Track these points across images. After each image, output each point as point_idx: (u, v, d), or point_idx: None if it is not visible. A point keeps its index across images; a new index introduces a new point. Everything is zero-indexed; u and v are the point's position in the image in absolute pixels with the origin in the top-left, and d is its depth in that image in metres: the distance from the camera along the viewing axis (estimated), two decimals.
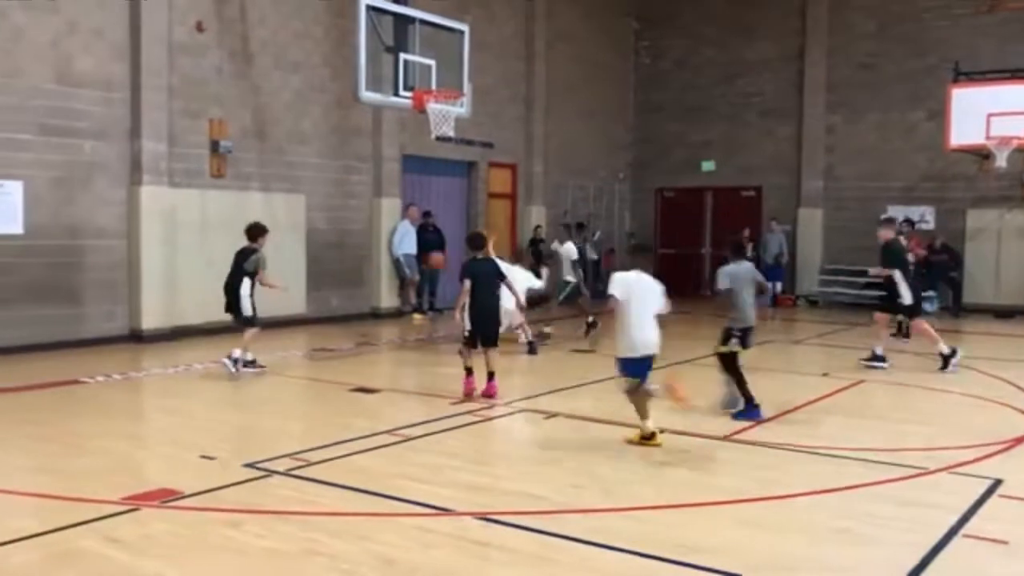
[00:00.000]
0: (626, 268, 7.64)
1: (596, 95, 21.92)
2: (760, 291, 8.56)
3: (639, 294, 7.23)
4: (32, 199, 11.73)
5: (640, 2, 23.16)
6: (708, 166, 22.22)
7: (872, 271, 12.14)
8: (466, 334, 9.18)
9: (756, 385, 8.30)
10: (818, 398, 9.32)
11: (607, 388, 9.60)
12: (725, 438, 7.51)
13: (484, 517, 5.43)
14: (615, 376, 7.60)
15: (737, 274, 8.30)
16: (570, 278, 13.95)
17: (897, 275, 11.27)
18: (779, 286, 20.27)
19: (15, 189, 11.56)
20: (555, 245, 15.11)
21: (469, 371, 9.15)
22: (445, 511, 5.56)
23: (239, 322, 10.43)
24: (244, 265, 10.27)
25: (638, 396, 7.15)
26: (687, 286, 21.78)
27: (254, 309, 10.39)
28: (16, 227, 11.55)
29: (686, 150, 22.40)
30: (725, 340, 8.22)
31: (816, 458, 6.97)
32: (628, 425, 7.48)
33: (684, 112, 22.42)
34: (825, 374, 10.93)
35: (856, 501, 5.87)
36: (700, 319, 14.64)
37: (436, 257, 16.31)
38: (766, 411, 8.19)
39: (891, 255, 11.38)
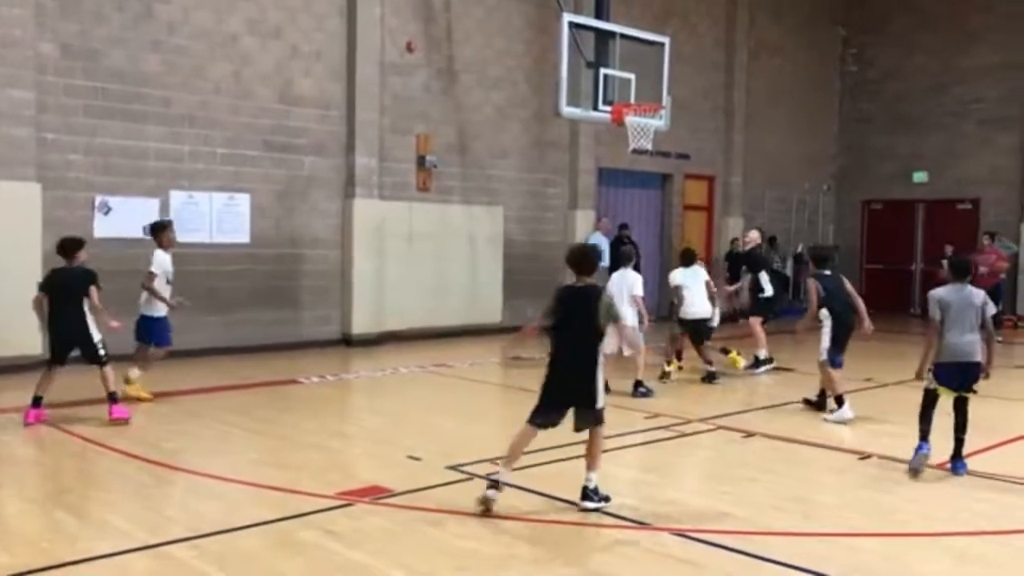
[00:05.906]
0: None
1: (799, 105, 21.22)
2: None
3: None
4: (257, 210, 12.67)
5: (849, 9, 22.24)
6: (920, 177, 21.04)
7: None
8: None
9: (978, 412, 7.76)
10: None
11: (801, 409, 9.30)
12: (939, 466, 7.08)
13: (682, 534, 5.39)
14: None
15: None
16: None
17: None
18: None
19: (244, 201, 12.54)
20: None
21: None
22: (642, 524, 5.56)
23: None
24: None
25: None
26: (895, 303, 20.71)
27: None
28: (244, 236, 12.51)
29: (895, 161, 21.27)
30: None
31: None
32: (828, 447, 7.19)
33: (894, 122, 21.31)
34: None
35: None
36: (906, 340, 13.86)
37: None
38: (986, 439, 7.64)
39: None
